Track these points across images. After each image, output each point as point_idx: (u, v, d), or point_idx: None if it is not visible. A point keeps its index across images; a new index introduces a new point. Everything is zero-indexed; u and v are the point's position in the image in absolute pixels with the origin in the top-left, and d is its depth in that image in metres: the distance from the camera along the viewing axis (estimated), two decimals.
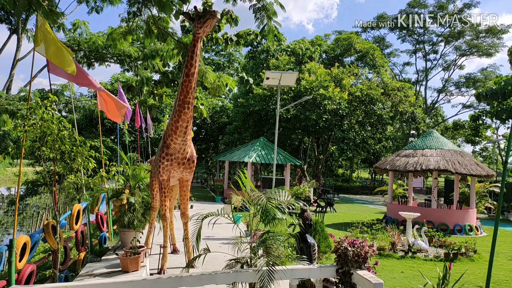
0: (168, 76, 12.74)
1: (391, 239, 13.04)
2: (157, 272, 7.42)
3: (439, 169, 17.65)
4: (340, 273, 5.13)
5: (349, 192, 43.19)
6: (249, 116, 31.36)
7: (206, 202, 24.05)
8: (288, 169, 26.46)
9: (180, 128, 7.54)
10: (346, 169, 63.37)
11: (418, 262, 11.83)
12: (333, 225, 18.13)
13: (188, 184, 8.52)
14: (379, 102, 29.84)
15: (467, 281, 9.83)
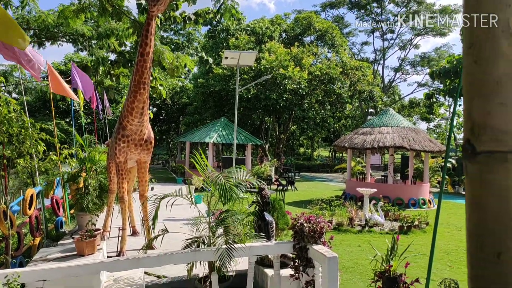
0: (125, 56, 12.39)
1: (349, 214, 13.43)
2: (116, 255, 7.34)
3: (395, 146, 18.21)
4: (297, 249, 5.24)
5: (310, 171, 43.93)
6: (209, 96, 31.10)
7: (167, 184, 23.85)
8: (250, 148, 26.57)
9: (136, 109, 7.40)
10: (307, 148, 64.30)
11: (374, 235, 12.27)
12: (294, 202, 18.44)
13: (146, 165, 8.42)
14: (338, 81, 30.28)
15: (420, 251, 10.32)
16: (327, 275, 4.66)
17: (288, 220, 7.79)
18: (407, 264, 3.99)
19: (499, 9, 0.68)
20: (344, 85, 31.16)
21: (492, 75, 0.65)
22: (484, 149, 0.66)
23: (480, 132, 0.66)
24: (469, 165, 0.68)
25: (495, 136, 0.65)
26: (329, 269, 4.65)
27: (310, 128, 33.85)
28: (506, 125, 0.65)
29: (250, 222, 6.30)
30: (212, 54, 34.68)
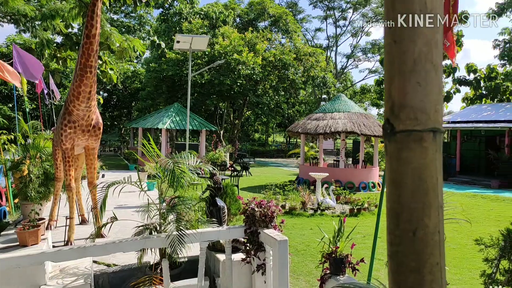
0: (72, 39, 11.86)
1: (302, 198, 13.68)
2: (63, 245, 7.11)
3: (346, 131, 18.65)
4: (248, 233, 5.27)
5: (265, 156, 44.29)
6: (162, 81, 30.47)
7: (119, 171, 23.29)
8: (204, 134, 26.38)
9: (83, 93, 7.12)
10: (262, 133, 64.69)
11: (326, 218, 12.58)
12: (248, 188, 18.55)
13: (95, 152, 8.16)
14: (292, 67, 30.51)
15: (368, 233, 10.70)
16: (278, 258, 4.72)
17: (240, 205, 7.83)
18: (353, 245, 4.11)
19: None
20: (297, 71, 31.45)
21: (410, 55, 0.65)
22: (402, 128, 0.67)
23: (399, 112, 0.67)
24: (389, 144, 0.69)
25: (413, 115, 0.66)
26: (280, 252, 4.71)
27: (264, 114, 34.01)
28: (423, 105, 0.66)
29: (202, 208, 6.27)
30: (164, 38, 33.92)
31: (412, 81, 0.65)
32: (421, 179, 0.65)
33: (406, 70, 0.65)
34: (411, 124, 0.66)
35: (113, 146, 45.42)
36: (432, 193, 0.65)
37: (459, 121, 26.67)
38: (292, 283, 7.15)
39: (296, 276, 7.48)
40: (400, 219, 0.66)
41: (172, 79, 29.86)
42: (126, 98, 41.29)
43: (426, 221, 0.65)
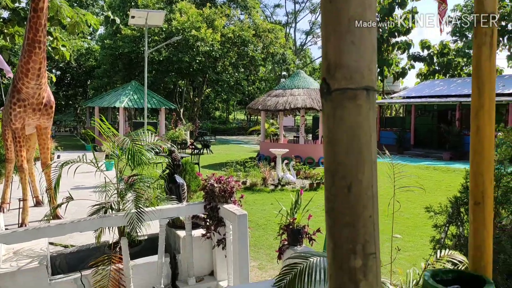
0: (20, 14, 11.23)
1: (263, 175, 13.82)
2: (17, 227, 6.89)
3: (306, 107, 18.84)
4: (208, 209, 5.29)
5: (226, 134, 44.21)
6: (118, 59, 29.54)
7: (76, 151, 22.61)
8: (163, 113, 25.95)
9: (32, 70, 6.82)
10: (223, 111, 64.34)
11: (286, 193, 12.79)
12: (209, 165, 18.53)
13: (47, 131, 7.88)
14: (251, 43, 30.30)
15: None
16: (238, 232, 4.78)
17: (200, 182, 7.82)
18: (309, 216, 4.23)
19: None
20: (257, 47, 31.29)
21: (345, 14, 0.66)
22: (337, 87, 0.68)
23: (334, 71, 0.68)
24: (325, 103, 0.70)
25: (347, 74, 0.67)
26: (240, 226, 4.77)
27: (224, 91, 33.78)
28: (357, 63, 0.67)
29: (161, 185, 6.22)
30: (119, 13, 32.71)
31: (347, 41, 0.66)
32: (355, 136, 0.67)
33: (341, 30, 0.66)
34: (345, 82, 0.67)
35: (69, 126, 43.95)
36: (366, 149, 0.67)
37: (413, 96, 27.54)
38: (254, 256, 7.28)
39: (257, 250, 7.62)
40: (336, 176, 0.68)
41: (129, 56, 29.01)
42: (80, 77, 39.83)
43: (360, 176, 0.67)
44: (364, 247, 0.67)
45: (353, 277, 0.67)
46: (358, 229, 0.67)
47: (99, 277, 4.95)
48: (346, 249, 0.67)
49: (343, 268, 0.68)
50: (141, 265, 5.36)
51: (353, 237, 0.67)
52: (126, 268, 5.00)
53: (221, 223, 5.29)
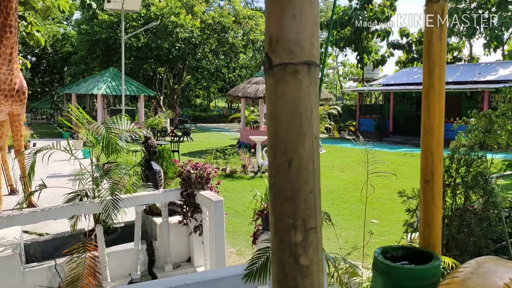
0: None
1: (243, 162, 13.84)
2: None
3: None
4: (184, 195, 5.28)
5: (207, 121, 43.99)
6: (95, 45, 28.92)
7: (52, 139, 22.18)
8: (142, 100, 25.64)
9: (3, 55, 6.64)
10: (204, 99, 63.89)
11: (266, 180, 12.85)
12: (189, 153, 18.45)
13: (20, 118, 7.72)
14: (231, 30, 30.04)
15: None
16: (214, 218, 4.78)
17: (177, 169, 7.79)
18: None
19: None
20: (237, 34, 31.04)
21: None
22: (278, 62, 0.68)
23: (275, 45, 0.68)
24: (267, 78, 0.70)
25: (288, 48, 0.67)
26: (216, 213, 4.77)
27: (204, 79, 33.49)
28: (298, 38, 0.67)
29: (137, 172, 6.18)
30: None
31: (288, 14, 0.66)
32: (296, 111, 0.66)
33: (283, 4, 0.66)
34: (286, 57, 0.67)
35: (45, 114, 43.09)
36: (306, 124, 0.67)
37: (392, 84, 27.81)
38: (232, 242, 7.32)
39: (235, 236, 7.65)
40: (277, 151, 0.68)
41: (107, 42, 28.44)
42: (57, 63, 38.96)
43: (301, 151, 0.67)
44: (305, 222, 0.67)
45: (293, 251, 0.67)
46: (299, 204, 0.67)
47: (74, 265, 4.90)
48: (287, 224, 0.67)
49: (284, 243, 0.68)
50: (117, 252, 5.33)
51: (294, 212, 0.67)
52: (101, 255, 4.98)
53: (198, 209, 5.29)
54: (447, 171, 4.83)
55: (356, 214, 9.36)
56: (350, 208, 9.87)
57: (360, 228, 8.59)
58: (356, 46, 33.30)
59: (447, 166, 4.80)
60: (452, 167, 4.77)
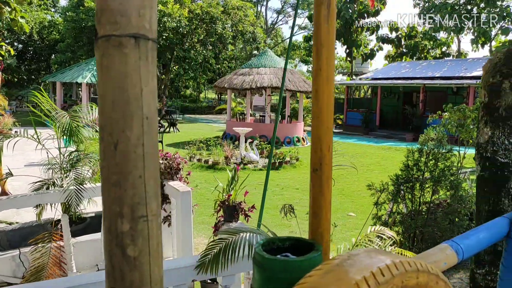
0: None
1: (225, 153, 13.78)
2: None
3: (272, 86, 18.78)
4: None
5: (196, 113, 43.75)
6: (82, 32, 28.54)
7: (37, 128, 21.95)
8: None
9: None
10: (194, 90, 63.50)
11: (248, 172, 12.79)
12: (173, 144, 18.35)
13: None
14: (220, 20, 29.79)
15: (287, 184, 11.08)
16: (181, 209, 4.73)
17: None
18: (246, 192, 4.21)
19: None
20: (225, 25, 30.81)
21: None
22: (102, 34, 0.62)
23: (100, 16, 0.62)
24: (96, 52, 0.64)
25: (112, 19, 0.61)
26: (183, 203, 4.72)
27: (192, 69, 33.24)
28: (123, 7, 0.61)
29: None
30: None
31: None
32: (122, 88, 0.61)
33: None
34: (110, 28, 0.61)
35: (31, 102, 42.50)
36: (134, 103, 0.61)
37: (380, 78, 27.85)
38: (206, 234, 7.28)
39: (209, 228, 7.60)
40: (104, 132, 0.62)
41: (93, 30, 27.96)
42: (43, 51, 38.40)
43: (128, 133, 0.61)
44: (133, 210, 0.62)
45: (120, 241, 0.62)
46: (126, 190, 0.62)
47: (39, 255, 4.83)
48: (113, 212, 0.62)
49: (111, 231, 0.63)
50: (84, 243, 5.26)
51: (120, 199, 0.62)
52: (66, 245, 4.90)
53: (167, 200, 5.23)
54: (416, 165, 4.83)
55: (335, 207, 9.36)
56: None
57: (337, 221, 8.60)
58: (345, 40, 33.23)
59: (416, 160, 4.79)
60: (421, 161, 4.76)
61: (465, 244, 1.26)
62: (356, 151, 18.64)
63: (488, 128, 2.08)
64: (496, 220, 1.48)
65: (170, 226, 5.23)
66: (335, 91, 43.24)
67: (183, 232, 4.73)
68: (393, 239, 3.58)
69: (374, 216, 5.08)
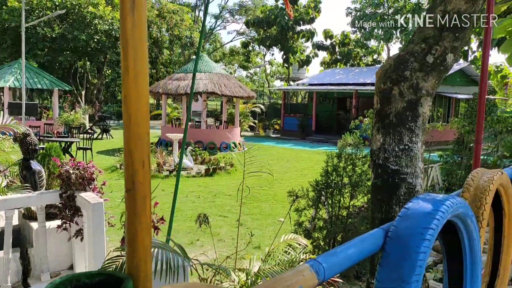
0: None
1: (158, 160, 13.38)
2: None
3: (207, 91, 18.59)
4: (64, 197, 4.85)
5: None
6: (4, 34, 26.73)
7: None
8: (56, 94, 24.04)
9: None
10: None
11: (181, 179, 12.49)
12: (105, 151, 17.64)
13: None
14: (155, 24, 29.09)
15: (219, 191, 10.91)
16: (92, 222, 4.44)
17: None
18: (156, 203, 4.00)
19: None
20: (161, 29, 30.14)
21: None
22: None
23: None
24: None
25: None
26: (94, 216, 4.42)
27: None
28: None
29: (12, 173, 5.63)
30: None
31: None
32: None
33: None
34: None
35: None
36: None
37: (316, 84, 28.50)
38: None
39: None
40: None
41: (17, 31, 26.35)
42: None
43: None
44: None
45: None
46: None
47: None
48: None
49: None
50: None
51: None
52: None
53: (79, 212, 4.88)
54: (335, 170, 4.84)
55: (266, 213, 9.33)
56: (260, 207, 9.83)
57: (267, 227, 8.56)
58: (282, 46, 33.73)
59: (335, 165, 4.81)
60: (340, 166, 4.78)
61: (329, 263, 1.16)
62: (291, 155, 18.88)
63: (380, 135, 2.06)
64: (372, 232, 1.41)
65: (83, 240, 4.89)
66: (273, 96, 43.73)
67: (95, 245, 4.43)
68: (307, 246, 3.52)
69: (295, 222, 5.05)
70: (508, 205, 2.10)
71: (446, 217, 1.38)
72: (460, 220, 1.53)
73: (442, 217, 1.36)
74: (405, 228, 1.36)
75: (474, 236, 1.59)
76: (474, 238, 1.59)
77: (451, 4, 1.96)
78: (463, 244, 1.60)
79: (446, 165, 8.12)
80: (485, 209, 1.76)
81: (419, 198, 1.45)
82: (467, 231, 1.58)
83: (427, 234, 1.31)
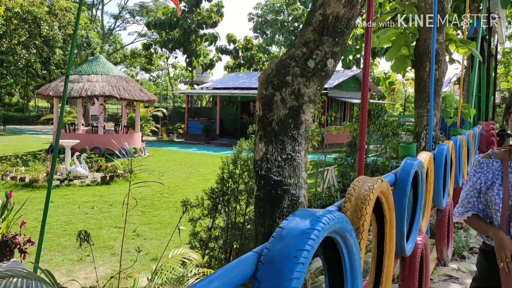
0: None
1: (48, 169, 12.28)
2: None
3: (104, 94, 17.60)
4: None
5: (23, 123, 39.03)
6: None
7: None
8: None
9: None
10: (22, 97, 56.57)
11: (73, 189, 11.62)
12: None
13: None
14: (45, 22, 26.90)
15: (116, 200, 10.27)
16: None
17: None
18: (22, 223, 3.53)
19: None
20: (53, 27, 27.97)
21: None
22: None
23: None
24: None
25: None
26: None
27: (11, 74, 29.30)
28: None
29: None
30: None
31: None
32: None
33: None
34: None
35: None
36: None
37: (220, 88, 28.49)
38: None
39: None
40: None
41: None
42: None
43: None
44: None
45: None
46: None
47: None
48: None
49: None
50: None
51: None
52: None
53: None
54: (231, 177, 4.71)
55: (165, 222, 8.95)
56: (160, 216, 9.43)
57: (165, 237, 8.20)
58: (185, 49, 33.25)
59: (231, 172, 4.67)
60: (235, 173, 4.66)
61: None
62: (195, 160, 18.57)
63: (262, 144, 1.95)
64: (243, 257, 1.24)
65: None
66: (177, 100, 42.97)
67: None
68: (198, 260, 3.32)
69: (190, 233, 4.82)
70: (389, 212, 2.09)
71: (322, 235, 1.27)
72: (338, 235, 1.44)
73: (318, 236, 1.24)
74: (278, 251, 1.21)
75: (354, 251, 1.52)
76: (354, 252, 1.52)
77: (330, 8, 1.91)
78: (343, 259, 1.52)
79: (340, 167, 8.46)
80: (365, 220, 1.70)
81: (296, 215, 1.32)
82: (346, 246, 1.50)
83: (301, 257, 1.18)
